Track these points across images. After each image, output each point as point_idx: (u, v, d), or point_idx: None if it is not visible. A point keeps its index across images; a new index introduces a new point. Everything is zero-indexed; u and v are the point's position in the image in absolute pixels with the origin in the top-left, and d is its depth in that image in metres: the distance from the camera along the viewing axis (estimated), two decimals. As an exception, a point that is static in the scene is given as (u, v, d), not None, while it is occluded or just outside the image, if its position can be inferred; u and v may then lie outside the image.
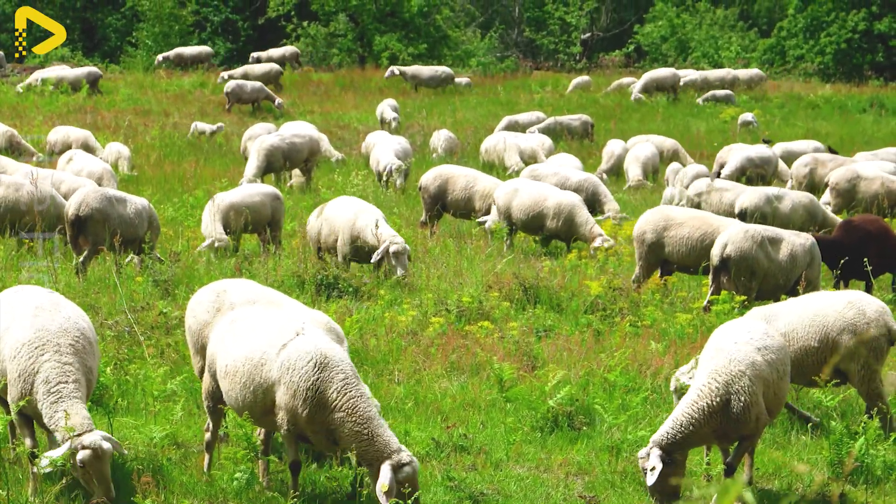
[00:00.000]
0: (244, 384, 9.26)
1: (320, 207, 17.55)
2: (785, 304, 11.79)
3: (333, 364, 9.06)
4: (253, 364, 9.22)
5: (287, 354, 9.11)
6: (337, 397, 8.95)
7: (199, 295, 10.85)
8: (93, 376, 9.45)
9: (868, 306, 11.42)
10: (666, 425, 9.54)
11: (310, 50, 55.07)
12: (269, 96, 37.55)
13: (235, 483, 9.66)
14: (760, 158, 26.18)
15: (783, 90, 45.84)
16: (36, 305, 9.50)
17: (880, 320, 11.35)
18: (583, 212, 19.00)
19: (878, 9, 53.06)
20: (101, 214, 16.02)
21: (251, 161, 24.27)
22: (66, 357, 9.16)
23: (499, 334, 13.94)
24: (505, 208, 19.24)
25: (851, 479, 10.38)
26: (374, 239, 16.38)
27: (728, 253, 15.06)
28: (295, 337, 9.22)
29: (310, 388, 8.97)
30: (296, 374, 9.02)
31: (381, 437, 8.91)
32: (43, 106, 35.19)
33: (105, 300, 14.54)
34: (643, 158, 27.37)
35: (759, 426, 9.69)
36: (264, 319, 9.55)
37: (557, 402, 11.58)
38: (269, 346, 9.22)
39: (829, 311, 11.36)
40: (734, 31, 59.54)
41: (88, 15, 59.63)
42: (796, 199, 19.73)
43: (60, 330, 9.30)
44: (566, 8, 60.86)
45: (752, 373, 9.59)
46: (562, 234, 18.92)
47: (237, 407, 9.44)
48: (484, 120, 36.99)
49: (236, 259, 16.95)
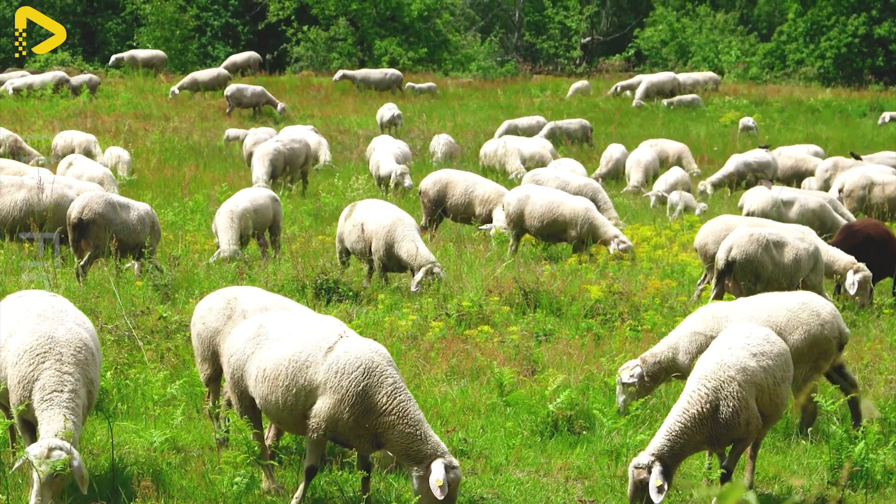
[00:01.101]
0: (286, 387, 9.13)
1: (350, 208, 17.18)
2: (736, 302, 11.81)
3: (382, 368, 9.04)
4: (297, 366, 9.12)
5: (335, 357, 9.04)
6: (387, 402, 8.94)
7: (208, 302, 10.67)
8: (94, 387, 9.35)
9: (822, 308, 11.45)
10: (662, 436, 9.41)
11: (310, 54, 55.10)
12: (270, 101, 37.54)
13: (235, 487, 9.65)
14: (758, 163, 26.18)
15: (783, 94, 45.87)
16: (40, 312, 9.44)
17: (833, 323, 11.39)
18: (598, 214, 19.01)
19: (878, 13, 53.08)
20: (104, 219, 16.02)
21: (258, 168, 24.15)
22: (66, 367, 9.07)
23: (499, 338, 13.94)
24: (517, 214, 19.21)
25: (851, 484, 10.37)
26: (407, 256, 16.17)
27: (733, 256, 15.06)
28: (339, 339, 9.18)
29: (359, 393, 8.94)
30: (345, 379, 8.97)
31: (432, 437, 9.00)
32: (43, 110, 35.22)
33: (105, 304, 14.54)
34: (644, 163, 27.38)
35: (750, 430, 9.64)
36: (300, 322, 9.46)
37: (557, 407, 11.58)
38: (313, 348, 9.14)
39: (782, 311, 11.39)
40: (734, 36, 59.58)
41: (88, 19, 59.66)
42: (805, 204, 19.61)
43: (64, 339, 9.21)
44: (566, 12, 60.89)
45: (743, 378, 9.53)
46: (585, 239, 18.82)
47: (274, 412, 9.29)
48: (484, 124, 37.01)
49: (236, 264, 16.93)
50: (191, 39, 54.34)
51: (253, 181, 23.81)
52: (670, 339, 11.61)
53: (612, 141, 31.60)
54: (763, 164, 26.25)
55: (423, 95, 43.28)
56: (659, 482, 9.16)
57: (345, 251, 17.03)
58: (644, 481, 9.26)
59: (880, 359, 13.61)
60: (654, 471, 9.24)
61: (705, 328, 11.34)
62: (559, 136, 32.99)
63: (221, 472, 9.89)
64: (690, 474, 10.62)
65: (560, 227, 18.95)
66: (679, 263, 17.85)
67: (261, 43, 58.58)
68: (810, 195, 20.35)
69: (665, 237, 19.95)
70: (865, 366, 13.32)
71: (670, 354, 11.48)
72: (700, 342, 11.24)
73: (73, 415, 8.90)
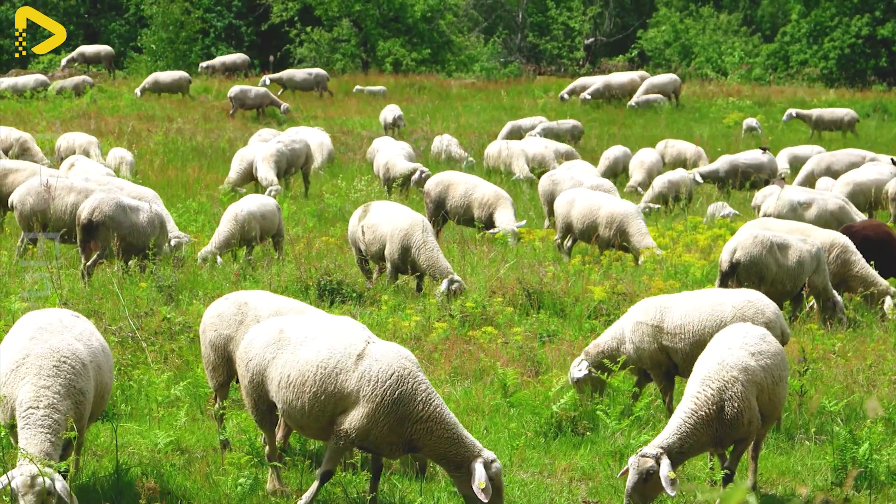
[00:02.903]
0: (314, 394, 9.00)
1: (363, 209, 17.00)
2: (679, 296, 11.98)
3: (414, 375, 8.98)
4: (326, 373, 8.99)
5: (367, 366, 8.94)
6: (423, 408, 8.88)
7: (217, 308, 10.52)
8: (85, 398, 8.88)
9: (766, 306, 11.60)
10: (671, 434, 9.31)
11: (313, 55, 55.11)
12: (273, 102, 37.56)
13: (239, 488, 9.66)
14: (748, 164, 26.04)
15: (787, 95, 45.86)
16: (36, 329, 9.07)
17: (777, 322, 11.50)
18: (636, 222, 18.81)
19: (881, 14, 53.04)
20: (114, 222, 16.01)
21: (265, 170, 24.01)
22: (43, 380, 8.71)
23: (502, 339, 13.95)
24: (565, 218, 19.17)
25: (855, 485, 10.36)
26: (427, 263, 16.00)
27: (738, 258, 15.06)
28: (367, 345, 9.07)
29: (395, 401, 8.86)
30: (379, 388, 8.88)
31: (467, 438, 8.98)
32: (47, 111, 35.26)
33: (108, 306, 14.55)
34: (647, 164, 27.36)
35: (751, 430, 9.64)
36: (322, 326, 9.35)
37: (561, 408, 11.59)
38: (342, 354, 9.01)
39: (727, 306, 11.51)
40: (737, 37, 59.52)
41: (92, 21, 59.70)
42: (823, 206, 19.57)
43: (46, 352, 8.85)
44: (569, 13, 60.88)
45: (745, 378, 9.54)
46: (615, 243, 18.74)
47: (298, 418, 9.15)
48: (487, 125, 37.01)
49: (238, 266, 16.95)
50: (194, 41, 54.34)
51: (263, 185, 23.69)
52: (614, 330, 11.89)
53: (616, 142, 31.56)
54: (755, 165, 26.11)
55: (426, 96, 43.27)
56: (672, 474, 9.02)
57: (363, 258, 16.78)
58: (651, 470, 9.08)
59: (884, 359, 13.60)
60: (664, 462, 9.08)
61: (648, 318, 11.60)
62: (551, 138, 32.92)
63: (225, 473, 9.90)
64: (694, 475, 10.62)
65: (595, 230, 18.83)
66: (682, 264, 17.84)
67: (264, 44, 58.58)
68: (829, 196, 20.26)
69: (669, 238, 19.94)
70: (869, 366, 13.31)
71: (614, 344, 11.77)
72: (643, 332, 11.58)
73: (51, 433, 8.55)
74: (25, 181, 18.17)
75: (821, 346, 13.67)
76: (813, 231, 16.58)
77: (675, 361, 11.57)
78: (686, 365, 11.32)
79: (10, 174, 19.33)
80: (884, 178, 22.88)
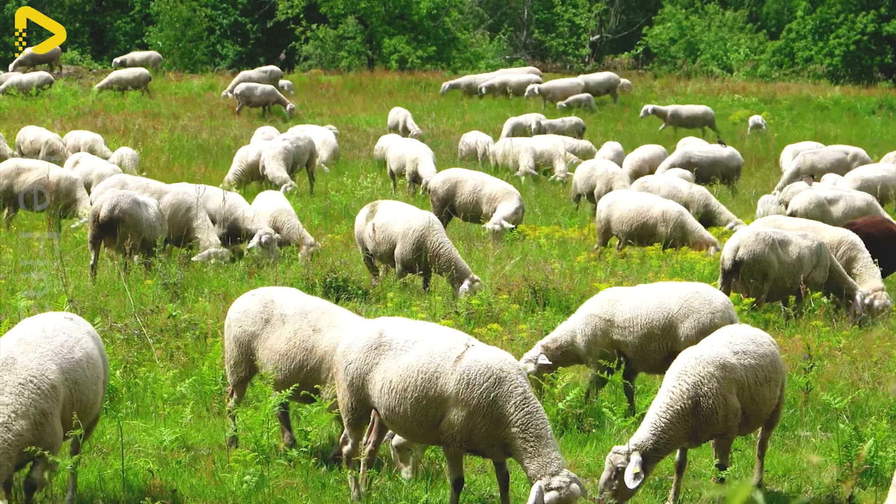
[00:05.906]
0: (416, 399, 8.96)
1: (370, 208, 16.93)
2: (630, 289, 12.04)
3: (511, 378, 8.90)
4: (426, 377, 8.94)
5: (465, 367, 8.89)
6: (515, 412, 8.80)
7: (243, 304, 10.54)
8: (46, 419, 8.55)
9: (715, 298, 11.57)
10: (646, 431, 9.32)
11: (319, 52, 55.12)
12: (279, 100, 37.57)
13: (245, 486, 9.67)
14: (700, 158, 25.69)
15: (792, 92, 45.82)
16: (16, 340, 8.82)
17: (726, 312, 11.46)
18: (690, 219, 18.77)
19: (886, 10, 52.96)
20: (132, 219, 16.01)
21: (275, 169, 23.86)
22: (5, 397, 8.46)
23: (508, 337, 13.93)
24: (605, 220, 19.00)
25: (860, 482, 10.36)
26: (447, 262, 15.88)
27: (741, 256, 15.06)
28: (467, 349, 9.01)
29: (490, 403, 8.81)
30: (476, 390, 8.83)
31: (543, 456, 8.76)
32: (53, 109, 35.30)
33: (114, 303, 14.56)
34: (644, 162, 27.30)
35: (729, 427, 9.58)
36: (423, 330, 9.29)
37: (567, 405, 11.59)
38: (441, 357, 8.97)
39: (674, 298, 11.50)
40: (743, 34, 59.47)
41: (97, 18, 59.73)
42: (851, 202, 19.54)
43: (16, 367, 8.56)
44: (575, 10, 60.86)
45: (722, 374, 9.46)
46: (676, 241, 18.61)
47: (402, 423, 9.11)
48: (493, 122, 37.00)
49: (245, 263, 16.96)
50: (200, 39, 54.35)
51: (277, 184, 23.49)
52: (569, 324, 11.93)
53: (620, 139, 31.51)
54: (709, 160, 25.79)
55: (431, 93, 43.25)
56: (636, 469, 9.08)
57: (370, 257, 16.71)
58: (620, 467, 9.16)
59: (889, 356, 13.60)
60: (633, 458, 9.15)
61: (601, 311, 11.66)
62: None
63: (231, 471, 9.91)
64: (700, 472, 10.62)
65: (651, 231, 18.75)
66: (688, 261, 17.82)
67: (269, 41, 58.61)
68: (856, 194, 20.19)
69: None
70: (875, 363, 13.31)
71: (569, 338, 11.81)
72: (595, 324, 11.64)
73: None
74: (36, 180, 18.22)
75: (826, 343, 13.66)
76: (823, 229, 16.56)
77: (627, 356, 11.59)
78: (637, 358, 11.48)
79: (23, 173, 19.36)
80: (891, 175, 22.87)
